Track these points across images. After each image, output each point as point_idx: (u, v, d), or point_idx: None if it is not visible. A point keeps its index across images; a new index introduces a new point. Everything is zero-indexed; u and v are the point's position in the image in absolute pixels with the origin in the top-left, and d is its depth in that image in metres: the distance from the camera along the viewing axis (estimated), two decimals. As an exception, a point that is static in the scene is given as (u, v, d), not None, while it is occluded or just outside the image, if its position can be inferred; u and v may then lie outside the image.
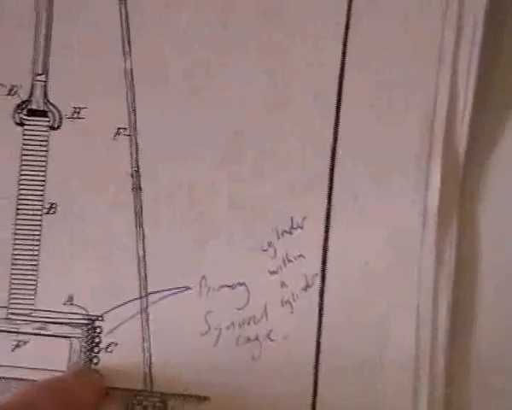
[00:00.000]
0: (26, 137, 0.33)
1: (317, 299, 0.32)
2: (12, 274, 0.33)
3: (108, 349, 0.32)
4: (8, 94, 0.33)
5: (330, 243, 0.32)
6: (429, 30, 0.32)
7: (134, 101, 0.33)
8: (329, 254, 0.32)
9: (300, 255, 0.33)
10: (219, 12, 0.33)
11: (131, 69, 0.33)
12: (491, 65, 0.32)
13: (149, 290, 0.32)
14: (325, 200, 0.32)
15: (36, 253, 0.33)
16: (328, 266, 0.32)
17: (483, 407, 0.33)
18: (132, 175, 0.33)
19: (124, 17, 0.32)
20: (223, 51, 0.33)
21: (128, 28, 0.32)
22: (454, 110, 0.32)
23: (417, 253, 0.32)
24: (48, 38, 0.33)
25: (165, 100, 0.33)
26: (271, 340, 0.32)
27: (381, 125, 0.32)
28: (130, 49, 0.33)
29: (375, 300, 0.32)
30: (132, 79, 0.33)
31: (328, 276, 0.32)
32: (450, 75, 0.32)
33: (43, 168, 0.33)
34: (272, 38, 0.32)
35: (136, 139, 0.33)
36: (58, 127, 0.33)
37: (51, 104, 0.33)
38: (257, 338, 0.32)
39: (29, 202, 0.33)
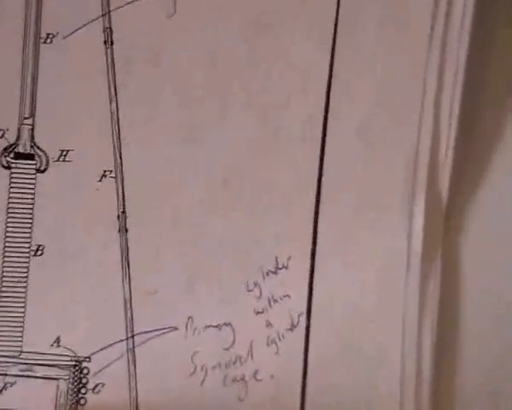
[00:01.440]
0: (12, 180, 0.33)
1: (302, 338, 0.33)
2: (-1, 316, 0.33)
3: (95, 390, 0.33)
4: (-4, 137, 0.33)
5: (315, 282, 0.33)
6: (412, 66, 0.32)
7: (120, 143, 0.33)
8: (315, 293, 0.33)
9: (286, 295, 0.33)
10: (209, 55, 0.33)
11: (117, 111, 0.33)
12: (474, 99, 0.33)
13: (136, 331, 0.33)
14: (310, 240, 0.33)
15: (23, 295, 0.33)
16: (314, 305, 0.33)
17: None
18: (118, 217, 0.33)
19: (109, 61, 0.33)
20: (211, 95, 0.33)
21: (114, 72, 0.33)
22: (437, 149, 0.32)
23: (402, 291, 0.32)
24: (34, 81, 0.33)
25: (152, 141, 0.33)
26: (257, 380, 0.33)
27: (365, 166, 0.33)
28: (115, 92, 0.33)
29: (361, 339, 0.32)
30: (118, 122, 0.33)
31: (313, 315, 0.33)
32: (432, 112, 0.32)
33: (30, 211, 0.33)
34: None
35: (122, 181, 0.33)
36: (45, 170, 0.33)
37: (38, 147, 0.33)
38: (243, 378, 0.33)
39: (16, 244, 0.33)
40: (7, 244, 0.33)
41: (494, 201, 0.33)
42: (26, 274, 0.33)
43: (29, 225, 0.33)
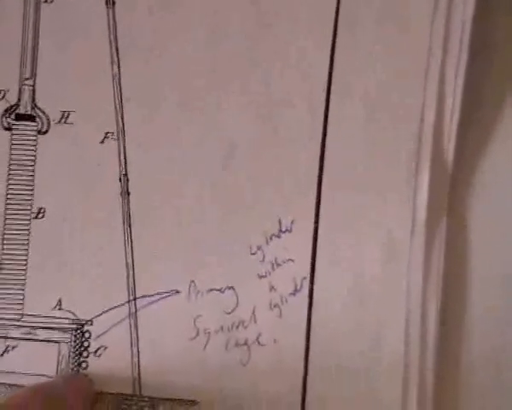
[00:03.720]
0: (13, 141, 0.33)
1: (305, 303, 0.32)
2: (0, 279, 0.32)
3: (97, 354, 0.32)
4: (-3, 98, 0.33)
5: (319, 246, 0.32)
6: (417, 40, 0.32)
7: (122, 105, 0.32)
8: (318, 257, 0.32)
9: (289, 259, 0.32)
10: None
11: (119, 73, 0.32)
12: (478, 72, 0.32)
13: (138, 295, 0.32)
14: (314, 203, 0.32)
15: (24, 258, 0.32)
16: (317, 269, 0.32)
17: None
18: (120, 179, 0.32)
19: (111, 24, 0.32)
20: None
21: (116, 35, 0.32)
22: (441, 119, 0.32)
23: (406, 260, 0.32)
24: (35, 42, 0.33)
25: (155, 104, 0.33)
26: (260, 344, 0.32)
27: (370, 132, 0.32)
28: (118, 55, 0.32)
29: (364, 304, 0.32)
30: (120, 83, 0.32)
31: (316, 280, 0.32)
32: (437, 83, 0.32)
33: (31, 173, 0.33)
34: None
35: (124, 144, 0.33)
36: (46, 132, 0.33)
37: (39, 109, 0.33)
38: (246, 342, 0.32)
39: (17, 207, 0.33)
40: (8, 207, 0.33)
41: (499, 171, 0.33)
42: (27, 237, 0.33)
43: (30, 188, 0.33)
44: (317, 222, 0.32)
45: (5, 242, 0.33)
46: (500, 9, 0.33)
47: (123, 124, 0.32)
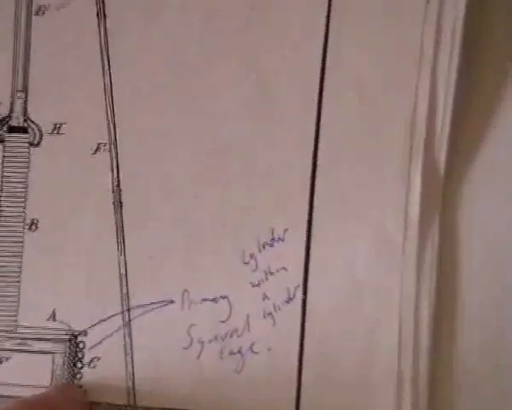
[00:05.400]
0: (6, 153, 0.33)
1: (299, 311, 0.32)
2: (-6, 291, 0.33)
3: (91, 364, 0.32)
4: (-12, 111, 0.33)
5: (312, 254, 0.32)
6: (409, 34, 0.32)
7: (114, 116, 0.33)
8: (311, 265, 0.32)
9: (282, 268, 0.33)
10: (203, 22, 0.33)
11: (111, 84, 0.33)
12: (471, 71, 0.33)
13: (132, 305, 0.32)
14: (306, 212, 0.32)
15: (18, 269, 0.33)
16: (310, 277, 0.32)
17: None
18: (113, 190, 0.33)
19: (103, 33, 0.32)
20: (205, 63, 0.33)
21: (107, 44, 0.32)
22: (434, 119, 0.32)
23: (399, 263, 0.32)
24: (27, 54, 0.33)
25: (146, 111, 0.33)
26: (254, 352, 0.32)
27: (363, 136, 0.32)
28: (109, 65, 0.33)
29: (358, 310, 0.32)
30: (112, 94, 0.33)
31: (310, 287, 0.32)
32: (429, 81, 0.32)
33: (23, 185, 0.33)
34: (259, 44, 0.33)
35: (116, 154, 0.33)
36: (38, 143, 0.33)
37: (31, 121, 0.33)
38: (240, 351, 0.32)
39: (10, 219, 0.33)
40: (1, 219, 0.33)
41: (492, 168, 0.33)
42: (20, 249, 0.33)
43: (23, 200, 0.33)
44: (309, 230, 0.32)
45: (-2, 253, 0.33)
46: (493, 6, 0.33)
47: (115, 134, 0.33)
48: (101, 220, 0.33)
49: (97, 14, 0.33)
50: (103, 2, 0.33)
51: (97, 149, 0.33)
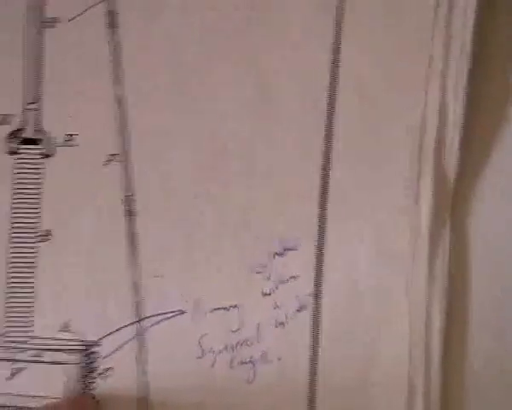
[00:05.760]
0: (18, 165, 0.33)
1: (310, 320, 0.33)
2: (8, 302, 0.33)
3: (105, 375, 0.33)
4: (0, 123, 0.33)
5: (323, 263, 0.33)
6: (418, 37, 0.32)
7: (126, 127, 0.33)
8: (323, 274, 0.33)
9: (293, 277, 0.33)
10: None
11: (123, 95, 0.33)
12: (480, 73, 0.33)
13: (144, 315, 0.33)
14: (317, 221, 0.33)
15: (31, 280, 0.33)
16: (321, 286, 0.33)
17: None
18: (125, 200, 0.33)
19: (114, 45, 0.33)
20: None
21: (118, 54, 0.33)
22: (444, 127, 0.32)
23: (410, 269, 0.32)
24: (39, 66, 0.33)
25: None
26: (265, 362, 0.33)
27: (372, 141, 0.32)
28: (121, 76, 0.33)
29: (369, 318, 0.32)
30: (124, 105, 0.33)
31: (321, 296, 0.33)
32: (438, 91, 0.32)
33: (36, 196, 0.33)
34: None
35: (128, 164, 0.33)
36: (51, 155, 0.33)
37: (44, 132, 0.33)
38: (251, 360, 0.33)
39: (23, 230, 0.33)
40: (14, 230, 0.33)
41: (502, 177, 0.33)
42: (34, 259, 0.33)
43: (36, 210, 0.33)
44: (320, 239, 0.33)
45: (12, 264, 0.33)
46: (501, 9, 0.33)
47: (127, 145, 0.33)
48: (113, 230, 0.33)
49: (109, 25, 0.33)
50: (114, 14, 0.33)
51: (109, 160, 0.33)
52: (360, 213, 0.32)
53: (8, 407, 0.32)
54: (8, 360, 0.33)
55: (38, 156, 0.33)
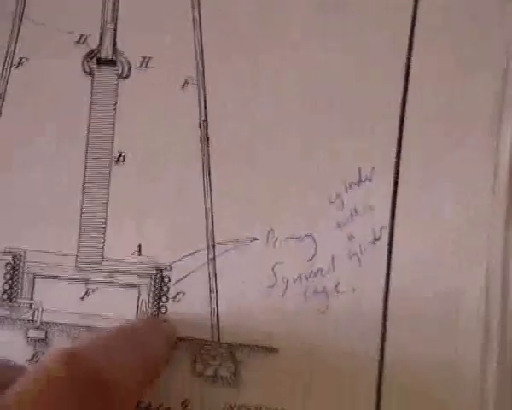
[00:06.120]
0: (95, 86, 0.33)
1: (385, 252, 0.32)
2: (81, 224, 0.33)
3: (176, 299, 0.32)
4: (78, 42, 0.33)
5: (399, 195, 0.32)
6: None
7: (202, 50, 0.32)
8: (398, 207, 0.32)
9: (368, 208, 0.32)
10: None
11: (200, 18, 0.32)
12: None
13: (217, 241, 0.32)
14: (394, 152, 0.32)
15: (105, 202, 0.33)
16: (397, 219, 0.32)
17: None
18: (200, 125, 0.32)
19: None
20: None
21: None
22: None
23: (488, 214, 0.31)
24: (117, -14, 0.33)
25: (234, 48, 0.32)
26: (339, 292, 0.32)
27: (453, 83, 0.32)
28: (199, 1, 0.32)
29: (444, 254, 0.32)
30: (200, 29, 0.32)
31: (396, 229, 0.32)
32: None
33: (112, 118, 0.33)
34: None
35: (203, 89, 0.32)
36: (127, 77, 0.33)
37: (120, 53, 0.33)
38: (324, 290, 0.32)
39: (98, 151, 0.33)
40: (89, 151, 0.33)
41: None
42: (107, 182, 0.33)
43: (111, 132, 0.33)
44: (397, 172, 0.32)
45: (86, 186, 0.33)
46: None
47: (203, 69, 0.32)
48: (187, 155, 0.32)
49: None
50: None
51: (185, 84, 0.32)
52: (440, 153, 0.32)
53: (81, 326, 0.32)
54: (82, 281, 0.33)
55: (114, 78, 0.33)
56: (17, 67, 0.33)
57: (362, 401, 0.31)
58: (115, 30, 0.33)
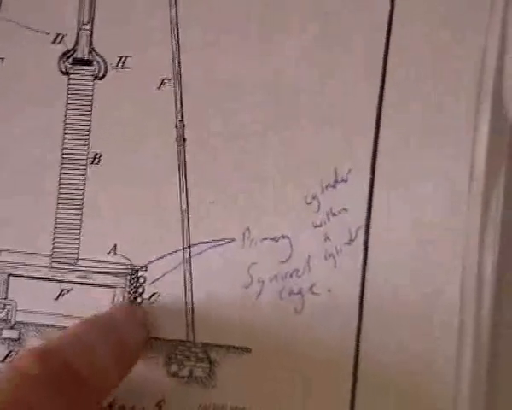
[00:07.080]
0: (70, 86, 0.33)
1: (360, 253, 0.32)
2: (56, 223, 0.33)
3: (151, 299, 0.32)
4: (54, 42, 0.33)
5: (375, 196, 0.32)
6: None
7: (179, 50, 0.32)
8: (374, 208, 0.32)
9: (344, 209, 0.32)
10: None
11: (177, 18, 0.32)
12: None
13: (193, 242, 0.32)
14: (370, 153, 0.32)
15: (80, 202, 0.33)
16: (373, 219, 0.32)
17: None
18: (176, 126, 0.32)
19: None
20: None
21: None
22: (503, 64, 0.31)
23: (464, 207, 0.32)
24: (94, -14, 0.33)
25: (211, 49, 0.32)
26: (314, 293, 0.32)
27: (429, 77, 0.32)
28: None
29: (420, 253, 0.32)
30: (177, 28, 0.32)
31: (372, 230, 0.32)
32: (500, 28, 0.31)
33: (87, 118, 0.33)
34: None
35: (180, 89, 0.32)
36: (103, 77, 0.33)
37: (96, 53, 0.33)
38: (300, 292, 0.32)
39: (74, 152, 0.33)
40: (64, 151, 0.33)
41: None
42: (83, 182, 0.33)
43: (86, 133, 0.33)
44: (373, 172, 0.32)
45: (61, 186, 0.33)
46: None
47: (180, 69, 0.32)
48: (164, 156, 0.32)
49: None
50: None
51: (162, 84, 0.32)
52: (416, 152, 0.32)
53: (55, 326, 0.32)
54: (56, 281, 0.32)
55: (90, 78, 0.33)
56: (-7, 66, 0.33)
57: (336, 400, 0.31)
58: (91, 30, 0.32)
